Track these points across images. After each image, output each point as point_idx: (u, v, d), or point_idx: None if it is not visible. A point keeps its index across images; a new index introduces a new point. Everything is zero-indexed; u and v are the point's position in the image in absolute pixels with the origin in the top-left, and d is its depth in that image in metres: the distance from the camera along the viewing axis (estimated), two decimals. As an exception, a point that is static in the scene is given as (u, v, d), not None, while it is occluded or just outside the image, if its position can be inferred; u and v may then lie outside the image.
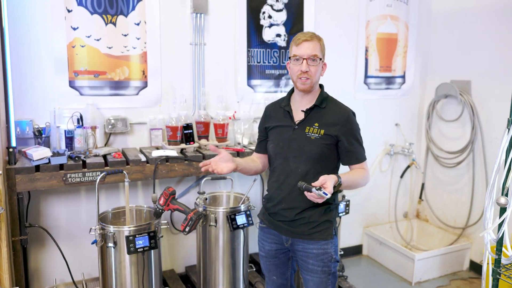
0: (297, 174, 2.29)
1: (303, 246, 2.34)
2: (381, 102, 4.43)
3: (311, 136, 2.28)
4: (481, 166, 4.12)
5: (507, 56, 3.83)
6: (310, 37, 2.25)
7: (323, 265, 2.32)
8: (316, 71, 2.27)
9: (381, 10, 4.29)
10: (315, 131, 2.28)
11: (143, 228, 2.72)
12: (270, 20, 3.77)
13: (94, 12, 3.18)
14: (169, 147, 3.22)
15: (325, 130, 2.27)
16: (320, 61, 2.27)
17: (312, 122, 2.30)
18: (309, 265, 2.33)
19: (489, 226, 2.13)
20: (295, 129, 2.32)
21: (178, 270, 3.71)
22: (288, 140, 2.33)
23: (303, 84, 2.27)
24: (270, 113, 2.50)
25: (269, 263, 2.50)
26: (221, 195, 3.48)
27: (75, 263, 3.29)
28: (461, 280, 4.09)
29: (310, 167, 2.28)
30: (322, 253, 2.31)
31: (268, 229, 2.46)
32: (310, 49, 2.23)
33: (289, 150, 2.32)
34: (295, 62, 2.26)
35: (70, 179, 2.81)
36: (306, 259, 2.34)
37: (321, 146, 2.27)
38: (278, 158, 2.37)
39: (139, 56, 3.36)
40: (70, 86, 3.19)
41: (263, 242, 2.50)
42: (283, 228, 2.37)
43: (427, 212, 4.76)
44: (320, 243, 2.31)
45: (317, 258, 2.31)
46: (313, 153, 2.27)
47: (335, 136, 2.27)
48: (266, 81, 3.84)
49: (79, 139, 3.06)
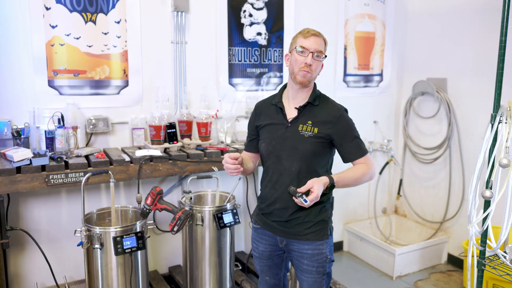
0: (291, 172, 2.26)
1: (298, 247, 2.31)
2: (360, 100, 4.48)
3: (304, 134, 2.25)
4: (458, 162, 4.21)
5: (482, 54, 3.93)
6: (319, 33, 2.26)
7: (318, 266, 2.29)
8: (317, 67, 2.26)
9: (359, 9, 4.34)
10: (309, 129, 2.25)
11: (130, 229, 2.69)
12: (250, 19, 3.77)
13: (73, 10, 3.12)
14: (152, 147, 3.19)
15: (318, 128, 2.24)
16: (323, 59, 2.28)
17: (306, 119, 2.27)
18: (303, 265, 2.31)
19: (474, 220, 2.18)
20: (288, 127, 2.29)
21: (162, 270, 3.68)
22: (281, 138, 2.29)
23: (303, 77, 2.23)
24: (260, 111, 2.45)
25: (263, 264, 2.47)
26: (206, 194, 3.46)
27: (57, 266, 3.23)
28: (440, 273, 4.17)
29: (303, 165, 2.25)
30: (317, 254, 2.29)
31: (262, 230, 2.42)
32: (318, 44, 2.23)
33: (282, 149, 2.28)
34: (301, 54, 2.22)
35: (52, 181, 2.75)
36: (301, 260, 2.32)
37: (315, 144, 2.24)
38: (271, 157, 2.33)
39: (119, 54, 3.31)
40: (49, 85, 3.12)
41: (257, 243, 2.46)
42: (278, 229, 2.34)
43: (405, 208, 4.84)
44: (315, 244, 2.29)
45: (312, 259, 2.29)
46: (307, 151, 2.24)
47: (329, 135, 2.25)
48: (247, 79, 3.83)
49: (60, 139, 2.99)
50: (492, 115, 2.10)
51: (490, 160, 2.12)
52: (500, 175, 2.08)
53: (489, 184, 2.14)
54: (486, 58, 3.89)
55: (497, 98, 2.11)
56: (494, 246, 2.18)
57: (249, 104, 3.82)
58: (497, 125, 2.05)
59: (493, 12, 3.82)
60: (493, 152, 2.12)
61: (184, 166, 3.15)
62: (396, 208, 4.95)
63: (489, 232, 2.21)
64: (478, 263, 2.27)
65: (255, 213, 2.50)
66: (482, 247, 2.24)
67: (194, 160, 3.17)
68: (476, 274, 2.30)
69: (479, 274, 2.28)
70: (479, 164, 2.14)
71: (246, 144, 2.56)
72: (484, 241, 2.23)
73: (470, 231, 2.21)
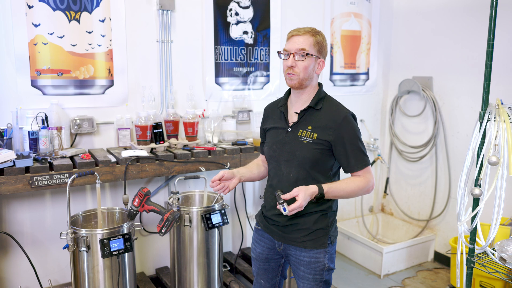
0: (289, 179, 2.19)
1: (295, 253, 2.26)
2: (346, 98, 4.46)
3: (303, 140, 2.15)
4: (444, 160, 4.23)
5: (467, 53, 3.95)
6: (302, 32, 2.13)
7: (315, 273, 2.23)
8: (305, 67, 2.12)
9: (345, 8, 4.34)
10: (308, 135, 2.15)
11: (117, 231, 2.64)
12: (237, 17, 3.74)
13: (57, 8, 3.06)
14: (138, 147, 3.15)
15: (318, 134, 2.14)
16: (310, 56, 2.12)
17: (306, 125, 2.18)
18: (300, 271, 2.26)
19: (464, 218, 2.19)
20: (288, 132, 2.22)
21: (149, 272, 3.64)
22: (281, 143, 2.23)
23: (290, 80, 2.15)
24: (268, 114, 2.41)
25: (259, 266, 2.42)
26: (193, 195, 3.43)
27: (42, 269, 3.17)
28: (427, 271, 4.19)
29: (302, 172, 2.17)
30: (314, 262, 2.22)
31: (262, 232, 2.38)
32: (299, 43, 2.11)
33: (282, 154, 2.22)
34: (284, 57, 2.16)
35: (37, 182, 2.69)
36: (298, 266, 2.27)
37: (313, 151, 2.14)
38: (272, 162, 2.28)
39: (104, 54, 3.26)
40: (33, 85, 3.06)
41: (256, 244, 2.42)
42: (276, 233, 2.29)
43: (391, 206, 4.85)
44: (312, 252, 2.21)
45: (309, 266, 2.23)
46: (305, 158, 2.15)
47: (328, 141, 2.13)
48: (233, 79, 3.81)
49: (44, 140, 2.93)
50: (480, 113, 2.11)
51: (479, 158, 2.12)
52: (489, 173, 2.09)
53: (478, 182, 2.14)
54: (471, 56, 3.91)
55: (485, 96, 2.11)
56: (483, 243, 2.19)
57: (236, 104, 3.80)
58: (485, 123, 2.06)
59: (478, 10, 3.85)
60: (482, 150, 2.12)
61: (171, 166, 3.11)
62: (383, 207, 4.96)
63: (478, 229, 2.22)
64: (467, 260, 2.28)
65: (258, 214, 2.44)
66: (471, 244, 2.24)
67: (181, 160, 3.14)
68: (465, 271, 2.30)
69: (468, 271, 2.29)
70: (467, 162, 2.15)
71: (260, 147, 2.51)
72: (473, 239, 2.24)
73: (459, 229, 2.22)
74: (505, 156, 1.89)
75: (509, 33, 3.48)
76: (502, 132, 1.92)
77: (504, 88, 3.48)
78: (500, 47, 3.22)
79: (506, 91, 3.50)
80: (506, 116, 1.93)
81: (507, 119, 1.93)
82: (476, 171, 2.14)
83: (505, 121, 1.92)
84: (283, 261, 2.42)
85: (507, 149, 1.88)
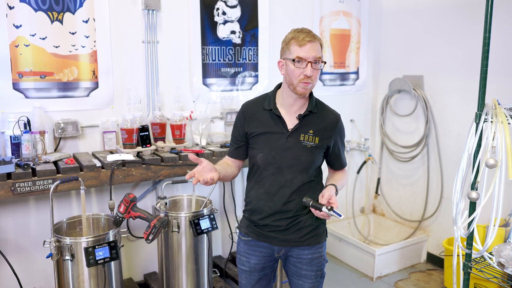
0: (293, 184, 2.15)
1: (297, 253, 2.23)
2: (336, 98, 4.42)
3: (307, 144, 2.13)
4: (436, 159, 4.19)
5: (457, 52, 3.91)
6: (314, 38, 2.04)
7: (317, 269, 2.25)
8: (318, 74, 2.09)
9: (334, 6, 4.28)
10: (311, 139, 2.13)
11: (102, 238, 2.55)
12: (224, 17, 3.66)
13: (39, 9, 2.96)
14: (124, 151, 3.06)
15: (319, 138, 2.15)
16: (322, 65, 2.09)
17: (307, 129, 2.14)
18: (302, 271, 2.23)
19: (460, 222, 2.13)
20: (288, 137, 2.14)
21: (137, 278, 3.55)
22: (282, 148, 2.14)
23: (304, 89, 2.07)
24: (251, 116, 2.23)
25: (254, 278, 2.32)
26: (181, 199, 3.34)
27: (26, 277, 3.07)
28: (420, 273, 4.14)
29: (305, 176, 2.16)
30: (316, 257, 2.24)
31: (255, 242, 2.27)
32: (315, 51, 2.03)
33: (284, 160, 2.14)
34: (298, 65, 2.03)
35: (19, 189, 2.60)
36: (299, 265, 2.23)
37: (315, 154, 2.16)
38: (270, 168, 2.17)
39: (88, 55, 3.17)
40: (14, 88, 2.96)
41: (248, 256, 2.30)
42: (276, 238, 2.21)
43: (383, 207, 4.80)
44: (315, 248, 2.23)
45: (312, 263, 2.23)
46: (310, 163, 2.15)
47: (328, 144, 2.19)
48: (221, 79, 3.73)
49: (26, 145, 2.83)
50: (476, 114, 2.05)
51: (476, 161, 2.06)
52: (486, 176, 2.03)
53: (475, 185, 2.09)
54: (459, 55, 3.88)
55: (481, 96, 2.06)
56: (480, 248, 2.13)
57: (224, 105, 3.72)
58: (482, 124, 2.00)
59: (466, 8, 3.81)
60: (478, 152, 2.07)
61: (158, 170, 3.03)
62: (374, 207, 4.91)
63: (475, 234, 2.17)
64: (464, 265, 2.23)
65: (244, 225, 2.32)
66: (468, 249, 2.19)
67: (169, 164, 3.06)
68: (462, 276, 2.25)
69: (465, 277, 2.24)
70: (463, 164, 2.10)
71: (231, 150, 2.33)
72: (470, 243, 2.19)
73: (455, 234, 2.17)
74: (503, 159, 1.84)
75: (500, 32, 3.44)
76: (500, 133, 1.86)
77: (497, 87, 3.43)
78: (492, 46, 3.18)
79: (499, 91, 3.45)
80: (503, 117, 1.88)
81: (504, 120, 1.87)
82: (473, 174, 2.08)
83: (503, 122, 1.86)
84: (276, 266, 2.37)
85: (506, 151, 1.83)
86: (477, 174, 2.04)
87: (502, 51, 3.51)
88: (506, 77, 3.50)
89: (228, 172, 2.25)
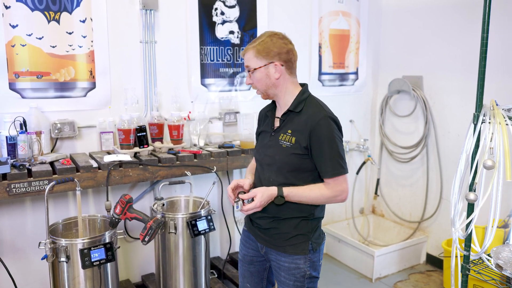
0: (269, 183, 2.16)
1: (275, 257, 2.21)
2: (335, 99, 4.40)
3: (282, 144, 2.11)
4: (435, 160, 4.17)
5: (457, 51, 3.89)
6: (246, 48, 2.15)
7: (295, 280, 2.16)
8: (259, 80, 2.13)
9: (333, 6, 4.26)
10: (287, 139, 2.10)
11: (98, 240, 2.54)
12: (222, 17, 3.64)
13: (35, 8, 2.95)
14: (122, 151, 3.04)
15: (296, 138, 2.08)
16: (258, 69, 2.11)
17: (286, 129, 2.13)
18: (281, 277, 2.20)
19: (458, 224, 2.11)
20: (271, 136, 2.19)
21: (134, 279, 3.53)
22: (265, 147, 2.21)
23: (260, 95, 2.22)
24: (260, 117, 2.39)
25: (245, 269, 2.39)
26: (179, 200, 3.33)
27: (21, 279, 3.06)
28: (419, 274, 4.12)
29: (281, 178, 2.12)
30: (293, 268, 2.15)
31: (248, 233, 2.36)
32: (246, 61, 2.16)
33: (265, 158, 2.20)
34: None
35: (14, 190, 2.58)
36: (278, 271, 2.22)
37: (291, 156, 2.08)
38: (258, 165, 2.28)
39: (85, 55, 3.15)
40: (11, 88, 2.94)
41: (242, 245, 2.40)
42: (259, 235, 2.26)
43: (382, 207, 4.78)
44: (292, 257, 2.15)
45: (289, 272, 2.17)
46: (283, 163, 2.11)
47: (305, 145, 2.06)
48: (220, 80, 3.71)
49: (22, 145, 2.82)
50: (474, 115, 2.03)
51: (474, 162, 2.04)
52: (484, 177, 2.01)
53: (473, 186, 2.07)
54: (459, 54, 3.86)
55: (479, 97, 2.03)
56: (478, 250, 2.11)
57: (223, 105, 3.71)
58: (480, 125, 1.98)
59: (465, 7, 3.79)
60: (476, 153, 2.05)
61: (155, 171, 3.01)
62: (374, 208, 4.89)
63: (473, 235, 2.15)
64: (462, 267, 2.21)
65: (247, 216, 2.36)
66: (467, 251, 2.17)
67: (166, 165, 3.04)
68: (461, 278, 2.23)
69: (463, 279, 2.22)
70: (461, 165, 2.07)
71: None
72: (468, 245, 2.17)
73: (453, 236, 2.14)
74: (501, 160, 1.82)
75: (498, 32, 3.42)
76: (498, 135, 1.84)
77: (496, 86, 3.41)
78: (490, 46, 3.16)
79: (498, 89, 3.44)
80: (501, 118, 1.86)
81: (502, 121, 1.85)
82: (471, 175, 2.06)
83: (501, 123, 1.84)
84: (268, 265, 2.35)
85: (503, 152, 1.80)
86: (475, 176, 2.02)
87: (501, 50, 3.48)
88: (506, 75, 3.48)
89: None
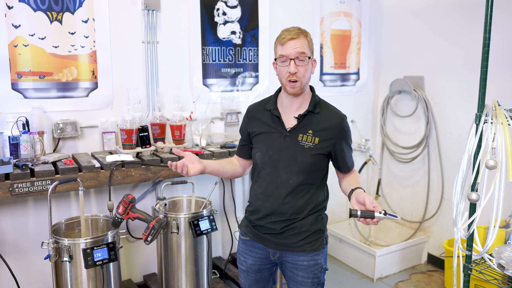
0: (288, 185, 2.12)
1: (292, 258, 2.18)
2: (337, 99, 4.38)
3: (304, 144, 2.09)
4: (436, 160, 4.17)
5: (458, 51, 3.90)
6: (296, 34, 2.04)
7: (313, 277, 2.18)
8: (306, 71, 2.06)
9: (334, 7, 4.27)
10: (309, 139, 2.09)
11: (101, 240, 2.54)
12: (224, 17, 3.65)
13: (38, 9, 2.96)
14: (124, 151, 3.05)
15: (319, 138, 2.09)
16: (309, 59, 2.07)
17: (306, 129, 2.11)
18: (298, 277, 2.19)
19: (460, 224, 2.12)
20: (286, 136, 2.13)
21: (136, 279, 3.54)
22: (279, 148, 2.13)
23: (292, 88, 2.07)
24: (253, 116, 2.28)
25: (250, 278, 2.32)
26: (181, 200, 3.33)
27: (24, 279, 3.06)
28: (421, 274, 4.12)
29: (302, 178, 2.11)
30: (312, 265, 2.17)
31: (252, 242, 2.27)
32: (297, 47, 2.03)
33: (280, 159, 2.13)
34: (282, 64, 2.06)
35: (17, 190, 2.59)
36: (295, 271, 2.19)
37: (314, 157, 2.10)
38: (266, 168, 2.17)
39: (88, 55, 3.16)
40: (13, 88, 2.95)
41: (245, 256, 2.31)
42: (271, 241, 2.20)
43: (384, 207, 4.79)
44: (311, 255, 2.16)
45: (307, 270, 2.17)
46: (307, 163, 2.10)
47: (329, 145, 2.11)
48: (222, 80, 3.72)
49: (25, 145, 2.82)
50: (476, 115, 2.03)
51: (476, 162, 2.05)
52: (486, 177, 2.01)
53: (475, 186, 2.07)
54: (463, 54, 3.86)
55: (481, 97, 2.04)
56: (480, 250, 2.12)
57: (224, 105, 3.71)
58: (482, 125, 1.99)
59: (467, 7, 3.79)
60: (478, 154, 2.05)
61: (157, 171, 3.02)
62: (375, 208, 4.88)
63: (475, 235, 2.15)
64: (464, 267, 2.22)
65: (244, 224, 2.33)
66: (469, 251, 2.17)
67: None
68: (462, 278, 2.24)
69: (465, 279, 2.22)
70: (463, 165, 2.08)
71: (237, 149, 2.41)
72: (470, 245, 2.17)
73: (455, 235, 2.15)
74: (503, 160, 1.82)
75: (500, 32, 3.42)
76: (500, 135, 1.84)
77: (497, 86, 3.41)
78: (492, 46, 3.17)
79: (499, 89, 3.44)
80: (503, 118, 1.86)
81: (504, 121, 1.86)
82: (473, 175, 2.06)
83: (503, 123, 1.85)
84: (274, 269, 2.34)
85: (506, 152, 1.81)
86: (477, 176, 2.03)
87: (502, 50, 3.49)
88: (507, 75, 3.48)
89: (226, 168, 2.31)
